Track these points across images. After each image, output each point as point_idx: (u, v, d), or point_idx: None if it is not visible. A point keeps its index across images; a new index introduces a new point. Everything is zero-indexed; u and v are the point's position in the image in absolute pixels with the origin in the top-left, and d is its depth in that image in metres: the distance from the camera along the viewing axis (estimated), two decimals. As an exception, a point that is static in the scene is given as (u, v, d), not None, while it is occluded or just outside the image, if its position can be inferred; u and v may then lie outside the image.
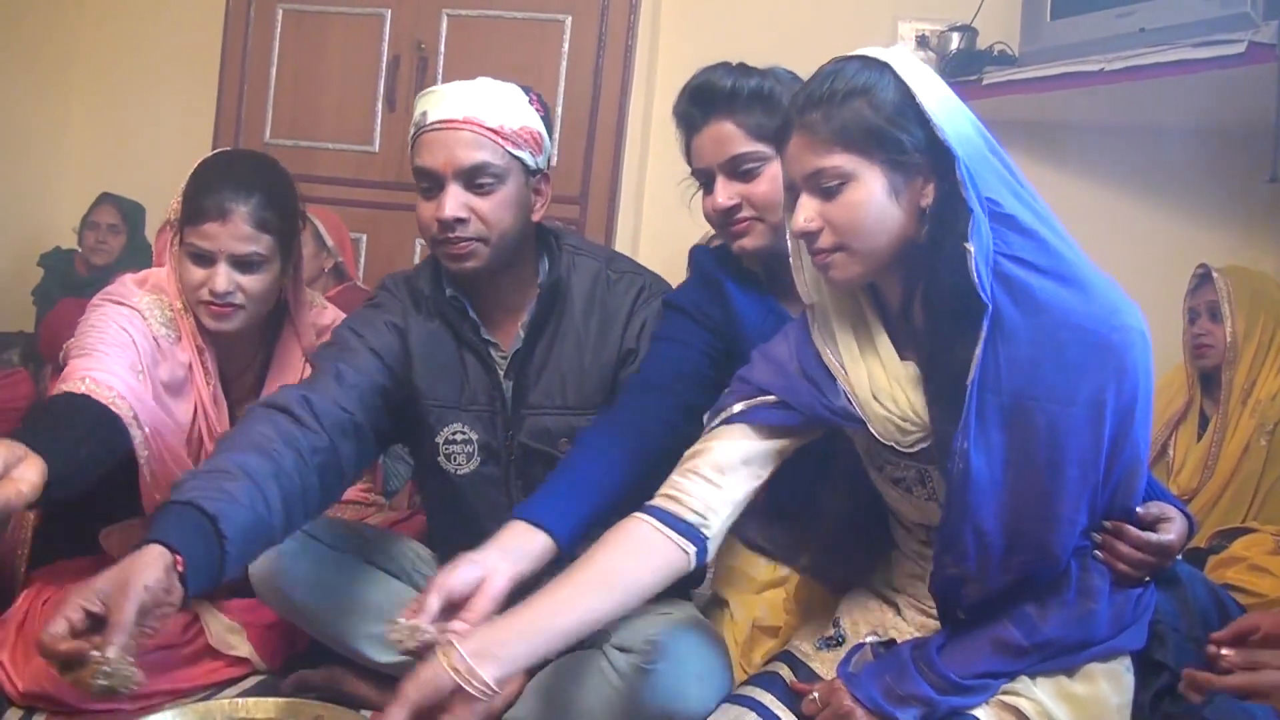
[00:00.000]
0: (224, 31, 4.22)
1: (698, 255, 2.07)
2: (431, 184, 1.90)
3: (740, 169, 1.87)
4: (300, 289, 2.19)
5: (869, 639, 1.68)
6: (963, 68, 3.50)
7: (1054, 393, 1.41)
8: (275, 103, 4.23)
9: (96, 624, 1.33)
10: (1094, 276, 1.45)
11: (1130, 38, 3.04)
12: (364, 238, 4.15)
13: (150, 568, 1.36)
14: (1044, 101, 3.32)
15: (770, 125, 1.75)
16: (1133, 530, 1.54)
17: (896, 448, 1.55)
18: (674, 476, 1.58)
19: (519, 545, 1.57)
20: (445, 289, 2.00)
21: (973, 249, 1.39)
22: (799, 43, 3.95)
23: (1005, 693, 1.52)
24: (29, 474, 1.49)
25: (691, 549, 1.52)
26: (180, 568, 1.40)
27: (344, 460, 1.84)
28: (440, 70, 4.07)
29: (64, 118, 4.76)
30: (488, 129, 1.88)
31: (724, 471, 1.57)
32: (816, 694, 1.58)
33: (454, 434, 2.01)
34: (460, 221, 1.88)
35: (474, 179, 1.88)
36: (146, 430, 1.86)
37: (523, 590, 1.50)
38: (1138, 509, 1.55)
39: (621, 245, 3.90)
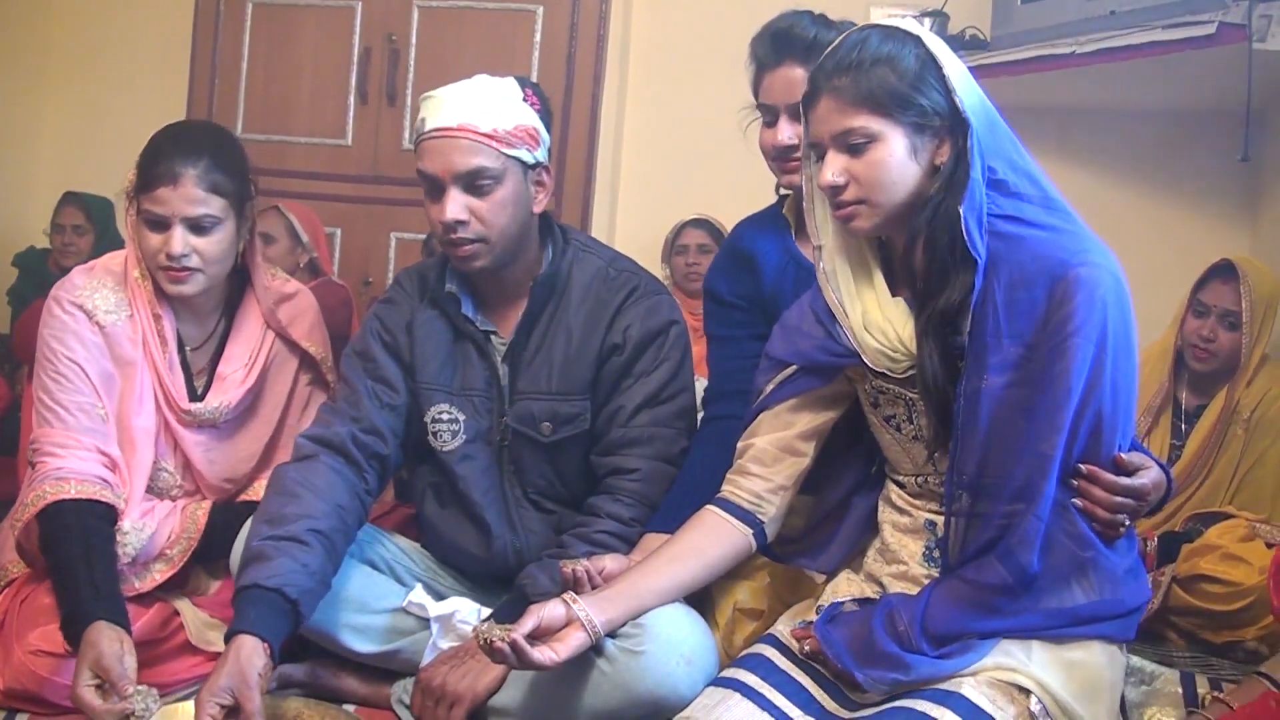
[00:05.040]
0: (194, 25, 4.20)
1: (733, 231, 2.30)
2: (433, 187, 2.00)
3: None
4: (255, 254, 2.24)
5: (845, 600, 1.72)
6: (935, 52, 3.50)
7: (1048, 325, 1.51)
8: (247, 97, 4.21)
9: (230, 713, 1.67)
10: (1076, 227, 1.60)
11: (1101, 20, 3.06)
12: (338, 232, 4.13)
13: (256, 657, 1.70)
14: (1016, 85, 3.33)
15: None
16: (1106, 475, 1.54)
17: (889, 374, 1.66)
18: (730, 474, 1.85)
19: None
20: (446, 283, 2.10)
21: (963, 211, 1.54)
22: (772, 29, 3.96)
23: (1000, 669, 1.51)
24: (132, 661, 1.75)
25: (749, 530, 1.80)
26: (269, 651, 1.73)
27: (382, 486, 2.15)
28: (412, 62, 4.06)
29: (35, 117, 4.72)
30: (482, 134, 1.97)
31: (767, 464, 1.81)
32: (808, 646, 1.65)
33: (440, 413, 2.11)
34: (461, 223, 1.97)
35: (472, 182, 1.98)
36: (117, 484, 2.04)
37: None
38: (1121, 455, 1.56)
39: (597, 234, 3.89)
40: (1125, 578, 1.57)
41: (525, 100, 2.03)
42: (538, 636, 1.61)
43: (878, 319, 1.67)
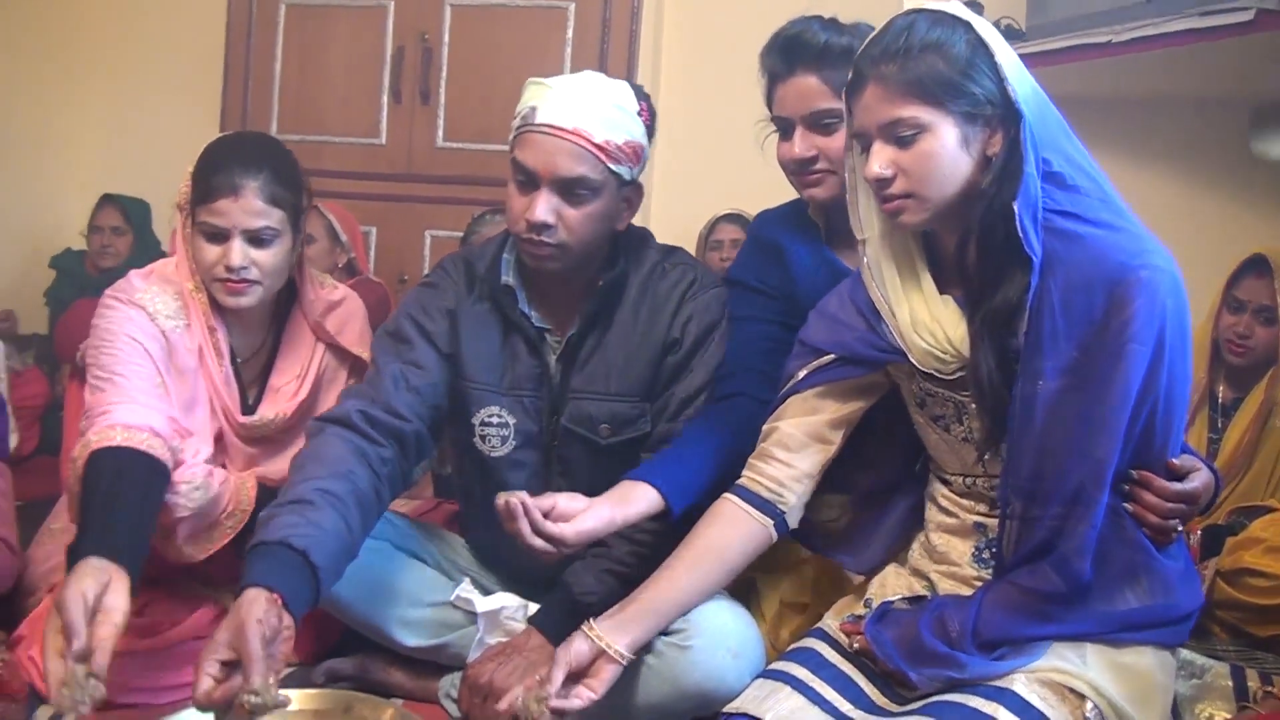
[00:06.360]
0: (227, 27, 4.22)
1: (756, 221, 2.24)
2: (527, 179, 1.91)
3: (821, 122, 1.94)
4: (305, 266, 2.21)
5: (895, 599, 1.71)
6: (969, 44, 3.49)
7: (1106, 329, 1.47)
8: (280, 97, 4.22)
9: (234, 668, 1.51)
10: (1133, 224, 1.55)
11: (1137, 8, 3.03)
12: (373, 231, 4.15)
13: (254, 604, 1.53)
14: (1052, 75, 3.27)
15: None
16: (1159, 480, 1.53)
17: (938, 375, 1.62)
18: (752, 459, 1.79)
19: (630, 501, 1.77)
20: (502, 276, 2.02)
21: (1017, 207, 1.48)
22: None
23: (1057, 672, 1.50)
24: (117, 601, 1.57)
25: (769, 521, 1.75)
26: (280, 601, 1.56)
27: (407, 463, 1.96)
28: (445, 61, 4.07)
29: (72, 119, 4.75)
30: (593, 144, 1.88)
31: (793, 450, 1.75)
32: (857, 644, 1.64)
33: (490, 416, 2.04)
34: (548, 227, 1.90)
35: (569, 189, 1.89)
36: (177, 448, 1.92)
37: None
38: (1172, 460, 1.54)
39: (632, 231, 3.90)
40: (1178, 582, 1.56)
41: (639, 114, 1.96)
42: (571, 676, 1.62)
43: (926, 319, 1.62)
